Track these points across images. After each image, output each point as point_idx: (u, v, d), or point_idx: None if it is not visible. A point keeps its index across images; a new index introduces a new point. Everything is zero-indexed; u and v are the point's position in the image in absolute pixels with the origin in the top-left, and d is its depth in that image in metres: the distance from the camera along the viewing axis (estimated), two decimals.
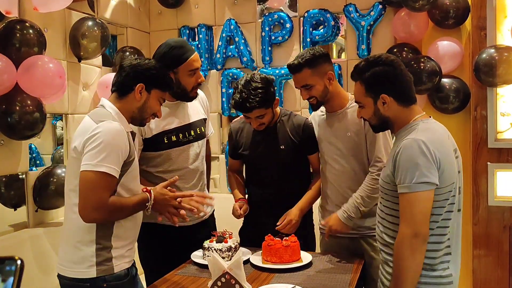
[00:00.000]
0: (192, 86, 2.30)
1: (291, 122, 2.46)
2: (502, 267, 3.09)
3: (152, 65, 1.89)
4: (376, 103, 1.75)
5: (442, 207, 1.64)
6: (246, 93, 2.26)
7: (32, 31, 2.63)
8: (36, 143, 3.77)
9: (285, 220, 2.32)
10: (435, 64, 3.11)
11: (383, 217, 1.78)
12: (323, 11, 3.56)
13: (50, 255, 2.77)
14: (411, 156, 1.60)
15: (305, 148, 2.44)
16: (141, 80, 1.84)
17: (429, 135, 1.64)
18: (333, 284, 1.89)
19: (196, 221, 2.42)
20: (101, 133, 1.68)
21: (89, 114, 1.82)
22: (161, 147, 2.29)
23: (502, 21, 3.10)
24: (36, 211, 2.88)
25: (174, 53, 2.23)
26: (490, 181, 3.08)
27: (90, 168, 1.66)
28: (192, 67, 2.26)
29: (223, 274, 1.72)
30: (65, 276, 1.78)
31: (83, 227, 1.73)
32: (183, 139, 2.34)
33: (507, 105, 3.08)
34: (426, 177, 1.57)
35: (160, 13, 4.06)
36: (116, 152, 1.70)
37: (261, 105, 2.28)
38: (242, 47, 3.78)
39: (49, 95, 2.70)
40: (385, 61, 1.73)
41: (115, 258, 1.78)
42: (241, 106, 2.29)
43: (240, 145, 2.52)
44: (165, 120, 2.30)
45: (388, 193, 1.73)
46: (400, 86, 1.73)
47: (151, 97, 1.88)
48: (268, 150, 2.44)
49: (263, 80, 2.30)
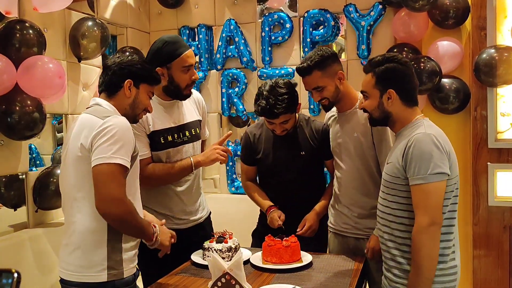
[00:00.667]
0: (186, 84, 2.27)
1: (309, 127, 2.49)
2: (502, 267, 3.09)
3: (136, 60, 1.89)
4: (381, 97, 1.85)
5: (449, 199, 1.73)
6: (273, 99, 2.28)
7: (32, 31, 2.63)
8: (36, 143, 3.77)
9: (306, 225, 2.34)
10: (435, 64, 3.11)
11: (389, 213, 1.83)
12: (323, 11, 3.56)
13: (50, 256, 2.77)
14: (425, 148, 1.69)
15: (323, 153, 2.45)
16: (128, 76, 1.84)
17: (436, 131, 1.76)
18: (333, 285, 1.89)
19: (191, 224, 2.41)
20: (113, 126, 1.68)
21: (86, 112, 1.80)
22: (157, 147, 2.28)
23: (502, 21, 3.09)
24: (36, 212, 2.88)
25: (167, 48, 2.22)
26: (490, 181, 3.08)
27: (104, 160, 1.63)
28: (185, 63, 2.24)
29: (223, 274, 1.72)
30: (71, 281, 1.72)
31: (93, 229, 1.70)
32: (178, 139, 2.33)
33: (507, 105, 3.08)
34: (440, 168, 1.67)
35: (160, 13, 4.06)
36: (128, 145, 1.70)
37: (287, 110, 2.30)
38: (242, 47, 3.77)
39: (49, 95, 2.70)
40: (400, 60, 1.85)
41: (125, 262, 1.76)
42: (269, 113, 2.30)
43: (259, 150, 2.51)
44: (160, 120, 2.29)
45: (396, 188, 1.79)
46: (407, 85, 1.85)
47: (140, 92, 1.88)
48: (289, 155, 2.45)
49: (287, 85, 2.33)
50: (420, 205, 1.69)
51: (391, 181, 1.80)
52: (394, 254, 1.81)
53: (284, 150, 2.46)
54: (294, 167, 2.44)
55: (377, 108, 1.87)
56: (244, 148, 2.58)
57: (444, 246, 1.74)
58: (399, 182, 1.77)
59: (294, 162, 2.43)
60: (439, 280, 1.73)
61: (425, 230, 1.67)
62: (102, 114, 1.73)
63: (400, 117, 1.84)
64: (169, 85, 2.26)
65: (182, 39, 2.34)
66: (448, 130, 3.10)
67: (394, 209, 1.80)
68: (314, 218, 2.38)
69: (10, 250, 2.56)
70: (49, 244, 2.78)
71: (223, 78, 3.85)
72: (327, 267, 2.11)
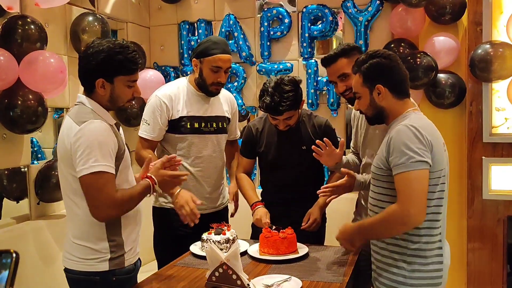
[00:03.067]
0: (211, 81, 2.42)
1: (312, 122, 2.52)
2: (496, 260, 3.14)
3: (105, 50, 1.72)
4: (371, 93, 1.83)
5: (433, 192, 1.72)
6: (278, 96, 2.31)
7: (34, 26, 2.66)
8: (37, 137, 3.81)
9: (310, 220, 2.38)
10: (431, 59, 3.14)
11: (375, 204, 1.85)
12: (321, 6, 3.59)
13: (52, 247, 2.82)
14: (405, 138, 1.68)
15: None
16: (98, 74, 1.73)
17: (421, 123, 1.75)
18: (328, 275, 1.94)
19: (211, 211, 2.55)
20: (84, 137, 1.67)
21: (69, 114, 1.79)
22: (182, 131, 2.45)
23: (498, 17, 3.12)
24: (38, 204, 2.92)
25: (207, 45, 2.41)
26: (485, 175, 3.11)
27: (86, 172, 1.66)
28: (215, 64, 2.39)
29: (220, 264, 1.76)
30: (73, 269, 1.79)
31: (92, 223, 1.75)
32: (204, 128, 2.49)
33: (502, 100, 3.11)
34: (420, 157, 1.66)
35: (160, 8, 4.09)
36: (105, 150, 1.69)
37: (291, 107, 2.34)
38: (241, 42, 3.81)
39: (50, 89, 2.74)
40: (383, 54, 1.84)
41: (127, 253, 1.83)
42: (274, 109, 2.34)
43: (260, 144, 2.55)
44: (191, 107, 2.47)
45: (382, 179, 1.80)
46: (394, 78, 1.83)
47: (117, 86, 1.77)
48: (291, 150, 2.48)
49: (292, 82, 2.36)
50: (401, 194, 1.67)
51: (378, 173, 1.81)
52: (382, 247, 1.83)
53: (286, 145, 2.49)
54: (295, 161, 2.47)
55: (370, 105, 1.86)
56: (245, 141, 2.62)
57: (426, 240, 1.73)
58: (384, 173, 1.77)
59: (296, 156, 2.46)
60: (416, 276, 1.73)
61: (398, 216, 1.67)
62: (80, 119, 1.71)
63: (392, 110, 1.83)
64: (199, 78, 2.45)
65: (227, 44, 2.49)
66: (444, 124, 3.15)
67: (383, 201, 1.80)
68: (318, 212, 2.40)
69: (13, 241, 2.61)
70: (51, 236, 2.83)
71: None
72: (322, 258, 2.15)
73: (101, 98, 1.79)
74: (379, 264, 1.84)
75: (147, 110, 2.46)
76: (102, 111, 1.80)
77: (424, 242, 1.74)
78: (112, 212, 1.73)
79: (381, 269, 1.83)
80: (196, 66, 2.44)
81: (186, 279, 1.94)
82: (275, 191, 2.54)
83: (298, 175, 2.48)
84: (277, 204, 2.49)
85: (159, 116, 2.42)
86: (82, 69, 1.79)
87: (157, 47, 4.07)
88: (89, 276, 1.77)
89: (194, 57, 2.44)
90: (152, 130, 2.43)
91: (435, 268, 1.75)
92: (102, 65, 1.73)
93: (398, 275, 1.76)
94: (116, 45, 1.74)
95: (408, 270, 1.74)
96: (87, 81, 1.79)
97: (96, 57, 1.72)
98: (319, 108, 3.67)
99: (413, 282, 1.73)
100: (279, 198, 2.50)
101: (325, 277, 1.91)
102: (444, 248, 1.79)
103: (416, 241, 1.73)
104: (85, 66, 1.77)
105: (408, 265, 1.74)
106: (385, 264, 1.81)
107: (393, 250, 1.78)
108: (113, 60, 1.73)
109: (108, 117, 1.82)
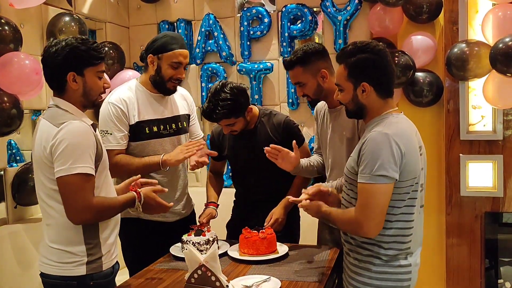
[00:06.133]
0: (169, 78, 2.32)
1: (271, 122, 2.49)
2: (474, 256, 3.19)
3: (69, 45, 1.71)
4: (355, 89, 1.75)
5: (402, 200, 1.69)
6: (214, 103, 2.30)
7: (8, 27, 2.61)
8: (15, 139, 3.74)
9: (272, 219, 2.37)
10: (409, 58, 3.17)
11: (347, 206, 1.83)
12: (301, 5, 3.60)
13: (29, 251, 2.77)
14: (375, 148, 1.63)
15: (288, 146, 2.42)
16: (68, 69, 1.72)
17: (396, 130, 1.67)
18: (307, 274, 1.95)
19: (177, 218, 2.47)
20: (65, 138, 1.66)
21: (44, 117, 1.76)
22: (141, 137, 2.33)
23: (474, 16, 3.16)
24: (15, 207, 2.88)
25: (163, 40, 2.31)
26: (462, 172, 3.16)
27: (64, 173, 1.65)
28: (176, 59, 2.30)
29: (199, 266, 1.75)
30: (50, 274, 1.76)
31: (68, 227, 1.73)
32: (163, 131, 2.38)
33: (479, 98, 3.16)
34: (385, 171, 1.61)
35: (139, 7, 4.05)
36: (86, 151, 1.69)
37: (227, 115, 2.31)
38: (221, 41, 3.79)
39: (26, 91, 2.69)
40: (373, 49, 1.73)
41: (104, 256, 1.80)
42: (208, 116, 2.34)
43: (223, 148, 2.55)
44: (147, 111, 2.35)
45: (353, 183, 1.76)
46: (382, 77, 1.75)
47: (88, 78, 1.76)
48: (250, 153, 2.47)
49: (232, 90, 2.31)
50: (360, 203, 1.67)
51: (348, 175, 1.79)
52: (350, 249, 1.84)
53: (245, 148, 2.49)
54: (257, 163, 2.45)
55: (351, 101, 1.78)
56: (211, 146, 2.64)
57: (397, 247, 1.72)
58: (353, 177, 1.74)
59: (257, 159, 2.41)
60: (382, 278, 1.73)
61: (353, 223, 1.69)
62: (58, 120, 1.70)
63: (372, 109, 1.76)
64: (155, 75, 2.33)
65: (183, 39, 2.40)
66: (422, 123, 3.18)
67: (349, 202, 1.80)
68: (281, 212, 2.40)
69: None
70: (29, 240, 2.78)
71: (202, 73, 3.87)
72: (302, 257, 2.16)
73: (74, 95, 1.76)
74: (349, 265, 1.85)
75: (102, 120, 2.29)
76: (79, 113, 1.78)
77: (395, 249, 1.72)
78: (88, 216, 1.71)
79: (350, 270, 1.84)
80: (152, 63, 2.31)
81: (166, 281, 1.94)
82: (242, 192, 2.59)
83: (263, 176, 2.48)
84: (246, 204, 2.54)
85: (118, 122, 2.27)
86: (49, 69, 1.76)
87: (137, 47, 4.03)
88: (66, 281, 1.74)
89: (150, 53, 2.31)
90: (117, 138, 2.27)
91: (401, 271, 1.74)
92: (69, 59, 1.72)
93: (364, 276, 1.76)
94: (77, 38, 1.75)
95: (375, 272, 1.74)
96: (56, 79, 1.76)
97: (60, 53, 1.71)
98: (299, 107, 3.68)
99: (379, 283, 1.74)
100: (246, 199, 2.54)
101: (304, 277, 1.92)
102: (413, 249, 1.76)
103: (387, 248, 1.72)
104: (51, 64, 1.74)
105: (375, 267, 1.74)
106: (353, 266, 1.82)
107: (360, 253, 1.78)
108: (79, 51, 1.73)
109: (84, 116, 1.80)
